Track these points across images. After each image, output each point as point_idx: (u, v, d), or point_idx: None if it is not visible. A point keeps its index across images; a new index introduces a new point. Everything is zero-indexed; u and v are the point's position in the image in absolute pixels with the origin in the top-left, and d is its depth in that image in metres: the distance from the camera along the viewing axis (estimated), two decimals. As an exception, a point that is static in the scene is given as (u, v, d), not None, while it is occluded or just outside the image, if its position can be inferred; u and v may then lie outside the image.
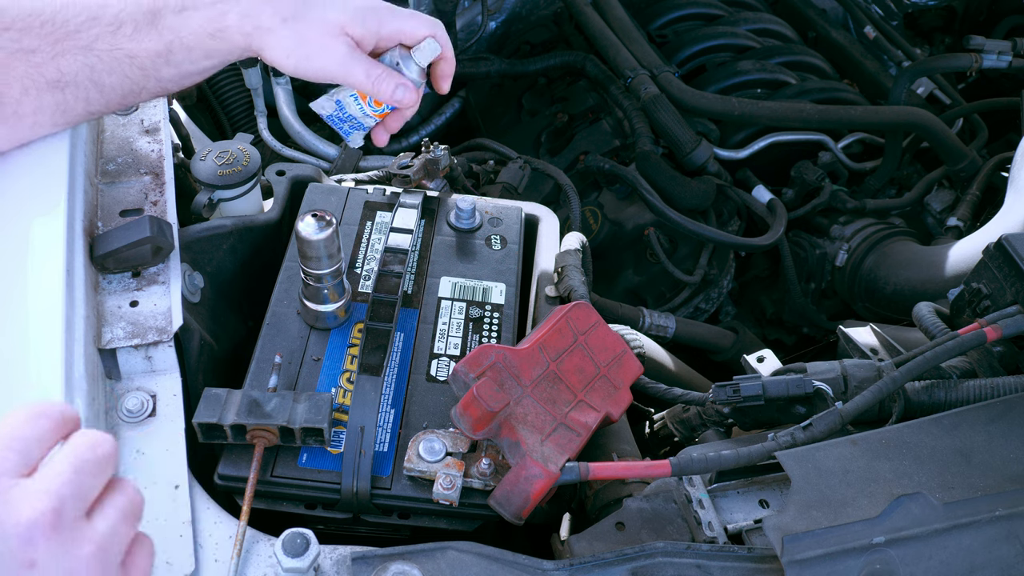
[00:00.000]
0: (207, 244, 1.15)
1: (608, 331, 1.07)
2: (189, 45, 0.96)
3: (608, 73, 1.99)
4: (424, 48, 1.05)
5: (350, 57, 1.00)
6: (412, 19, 1.05)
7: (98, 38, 0.94)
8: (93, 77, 0.95)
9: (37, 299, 0.88)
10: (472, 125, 2.24)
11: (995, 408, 0.92)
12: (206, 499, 0.87)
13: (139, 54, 0.95)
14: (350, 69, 1.00)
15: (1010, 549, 0.80)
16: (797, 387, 0.99)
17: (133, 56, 0.95)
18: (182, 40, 0.96)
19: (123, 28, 0.94)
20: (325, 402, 0.94)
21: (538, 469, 0.89)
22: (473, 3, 2.20)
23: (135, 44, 0.95)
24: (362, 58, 1.01)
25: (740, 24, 2.19)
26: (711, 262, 1.91)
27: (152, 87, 0.99)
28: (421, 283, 1.17)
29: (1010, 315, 0.97)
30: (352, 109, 1.08)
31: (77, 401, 0.83)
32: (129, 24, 0.94)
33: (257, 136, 1.88)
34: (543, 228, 1.36)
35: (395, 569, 0.80)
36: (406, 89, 1.03)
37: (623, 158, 1.94)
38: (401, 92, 1.03)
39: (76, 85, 0.95)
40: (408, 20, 1.05)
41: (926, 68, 2.12)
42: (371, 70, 1.01)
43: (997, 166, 1.93)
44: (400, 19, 1.04)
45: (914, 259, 1.76)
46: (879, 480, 0.84)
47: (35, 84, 0.93)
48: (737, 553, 0.85)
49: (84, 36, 0.93)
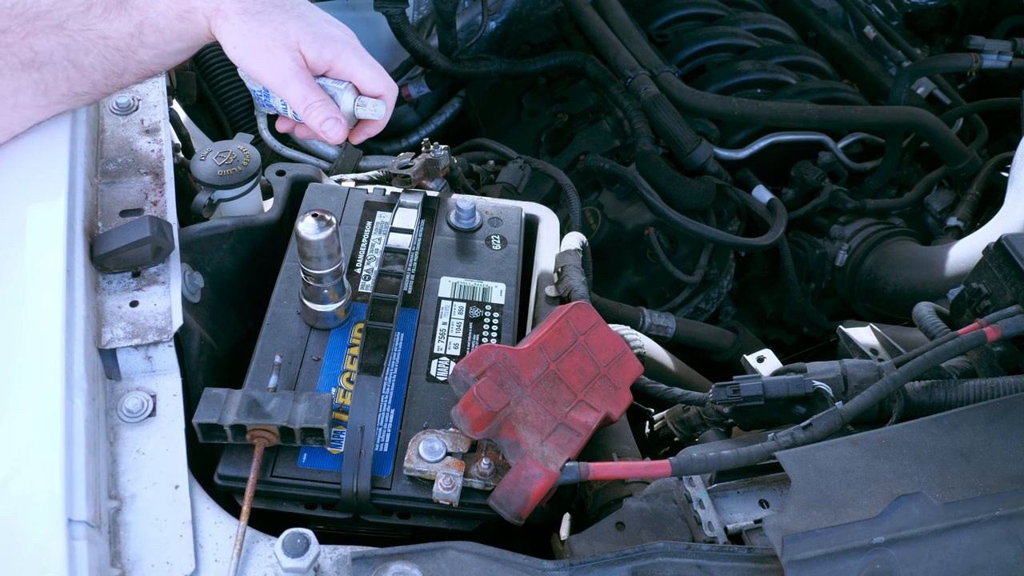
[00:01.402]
0: (207, 244, 1.15)
1: (608, 331, 1.07)
2: (159, 26, 0.97)
3: (608, 73, 1.99)
4: (369, 107, 1.03)
5: (292, 73, 0.99)
6: (372, 72, 1.03)
7: (69, 18, 0.95)
8: (69, 56, 0.96)
9: (37, 299, 0.88)
10: (472, 125, 2.24)
11: (995, 408, 0.92)
12: (206, 499, 0.87)
13: (112, 35, 0.97)
14: (289, 85, 0.99)
15: (1010, 549, 0.80)
16: (797, 387, 0.99)
17: (106, 37, 0.97)
18: (151, 21, 0.97)
19: (93, 8, 0.96)
20: (325, 402, 0.94)
21: (538, 469, 0.89)
22: (473, 3, 2.20)
23: (107, 24, 0.96)
24: (304, 79, 0.99)
25: (740, 24, 2.19)
26: (711, 262, 1.91)
27: (134, 69, 1.00)
28: (421, 283, 1.17)
29: (1010, 315, 0.97)
30: (275, 102, 1.06)
31: (77, 401, 0.83)
32: (99, 5, 0.96)
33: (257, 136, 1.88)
34: (543, 228, 1.36)
35: (395, 569, 0.80)
36: (336, 124, 1.00)
37: (623, 158, 1.95)
38: (330, 125, 1.00)
39: (53, 65, 0.96)
40: (367, 71, 1.03)
41: (926, 68, 2.12)
42: (309, 95, 0.99)
43: (997, 166, 1.93)
44: (360, 67, 1.02)
45: (914, 259, 1.77)
46: (879, 480, 0.84)
47: (9, 65, 0.94)
48: (737, 553, 0.85)
49: (55, 16, 0.95)
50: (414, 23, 2.17)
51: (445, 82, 2.18)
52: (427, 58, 2.04)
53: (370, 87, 1.04)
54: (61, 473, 0.77)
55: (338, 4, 2.08)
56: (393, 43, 2.05)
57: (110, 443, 0.88)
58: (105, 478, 0.85)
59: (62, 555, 0.72)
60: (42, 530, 0.74)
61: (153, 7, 0.97)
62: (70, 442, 0.79)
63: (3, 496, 0.77)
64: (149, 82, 1.18)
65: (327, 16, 1.04)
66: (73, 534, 0.74)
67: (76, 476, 0.78)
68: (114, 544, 0.81)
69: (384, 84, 1.04)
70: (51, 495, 0.75)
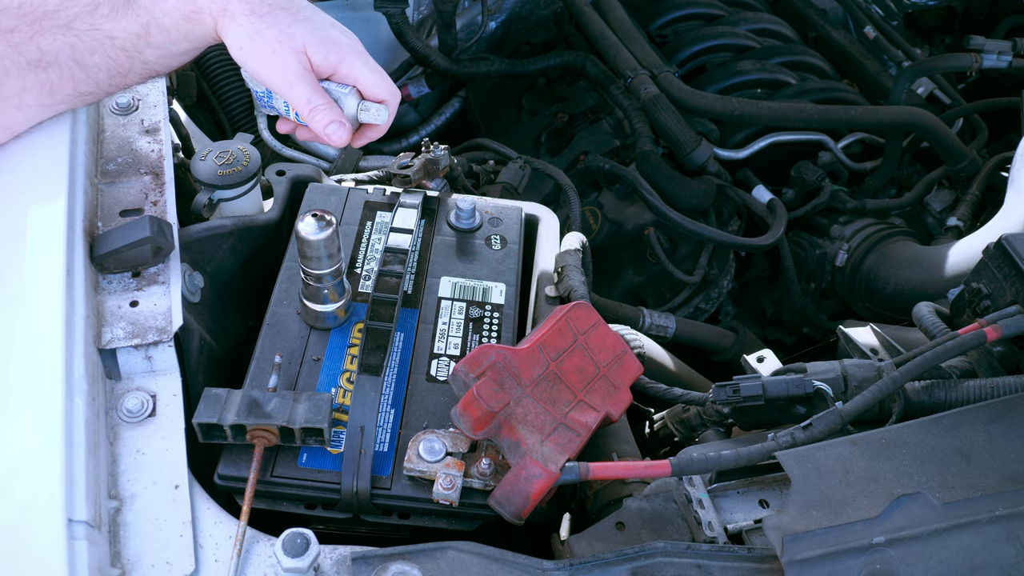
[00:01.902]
0: (207, 244, 1.15)
1: (608, 331, 1.07)
2: (166, 26, 0.97)
3: (608, 73, 1.99)
4: (372, 111, 1.03)
5: (297, 76, 0.99)
6: (375, 76, 1.03)
7: (76, 17, 0.95)
8: (75, 56, 0.96)
9: (37, 299, 0.88)
10: (472, 125, 2.24)
11: (995, 408, 0.92)
12: (206, 499, 0.87)
13: (118, 35, 0.97)
14: (294, 87, 0.99)
15: (1010, 549, 0.80)
16: (797, 387, 0.99)
17: (113, 37, 0.97)
18: (158, 21, 0.97)
19: (100, 8, 0.96)
20: (325, 402, 0.94)
21: (538, 469, 0.89)
22: (473, 3, 2.20)
23: (113, 24, 0.96)
24: (309, 81, 1.00)
25: (740, 24, 2.19)
26: (711, 262, 1.91)
27: (139, 69, 1.00)
28: (421, 283, 1.17)
29: (1010, 315, 0.97)
30: (277, 103, 1.06)
31: (77, 401, 0.83)
32: (106, 4, 0.96)
33: (257, 136, 1.89)
34: (543, 228, 1.36)
35: (395, 569, 0.80)
36: (339, 127, 1.01)
37: (623, 158, 1.95)
38: (333, 128, 1.01)
39: (59, 64, 0.96)
40: (371, 76, 1.03)
41: (926, 68, 2.12)
42: (313, 97, 1.00)
43: (997, 166, 1.93)
44: (364, 71, 1.03)
45: (914, 259, 1.77)
46: (879, 480, 0.84)
47: (16, 64, 0.94)
48: (737, 553, 0.85)
49: (62, 15, 0.95)
50: (414, 23, 2.17)
51: (445, 82, 2.19)
52: (427, 58, 2.04)
53: (373, 92, 1.04)
54: (61, 473, 0.77)
55: (338, 4, 2.08)
56: (393, 43, 2.05)
57: (110, 443, 0.88)
58: (105, 478, 0.85)
59: (62, 555, 0.72)
60: (42, 530, 0.74)
61: (160, 7, 0.97)
62: (70, 442, 0.79)
63: (3, 496, 0.77)
64: (149, 82, 1.18)
65: (332, 20, 1.04)
66: (73, 534, 0.74)
67: (76, 476, 0.78)
68: (114, 544, 0.81)
69: (387, 89, 1.04)
70: (51, 495, 0.75)
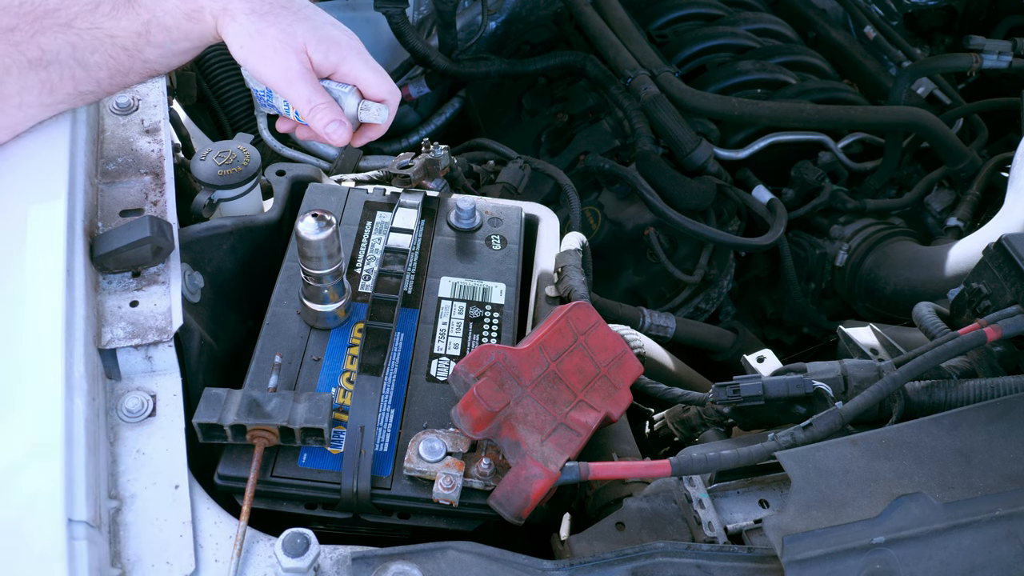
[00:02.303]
0: (207, 244, 1.15)
1: (608, 331, 1.07)
2: (166, 25, 0.97)
3: (608, 73, 1.99)
4: (372, 111, 1.03)
5: (298, 75, 0.99)
6: (376, 76, 1.03)
7: (77, 16, 0.95)
8: (76, 56, 0.96)
9: (37, 299, 0.88)
10: (472, 125, 2.24)
11: (995, 408, 0.92)
12: (206, 499, 0.87)
13: (119, 33, 0.97)
14: (294, 86, 0.99)
15: (1010, 549, 0.80)
16: (797, 387, 0.99)
17: (114, 36, 0.97)
18: (159, 20, 0.97)
19: (101, 7, 0.96)
20: (325, 402, 0.94)
21: (538, 469, 0.89)
22: (473, 3, 2.20)
23: (114, 23, 0.96)
24: (310, 80, 1.00)
25: (740, 24, 2.19)
26: (711, 262, 1.91)
27: (139, 68, 1.00)
28: (421, 283, 1.17)
29: (1010, 315, 0.97)
30: (278, 102, 1.06)
31: (77, 401, 0.83)
32: (107, 3, 0.96)
33: (257, 136, 1.89)
34: (543, 228, 1.36)
35: (395, 569, 0.80)
36: (340, 127, 1.01)
37: (623, 158, 1.95)
38: (333, 128, 1.01)
39: (59, 63, 0.96)
40: (371, 75, 1.03)
41: (926, 68, 2.12)
42: (313, 96, 1.00)
43: (997, 166, 1.93)
44: (364, 71, 1.03)
45: (914, 259, 1.77)
46: (879, 480, 0.84)
47: (16, 63, 0.94)
48: (737, 553, 0.85)
49: (63, 14, 0.95)
50: (414, 23, 2.17)
51: (445, 82, 2.19)
52: (427, 58, 2.04)
53: (374, 91, 1.04)
54: (61, 473, 0.77)
55: (338, 4, 2.08)
56: (393, 43, 2.05)
57: (110, 443, 0.88)
58: (105, 478, 0.85)
59: (62, 555, 0.72)
60: (42, 530, 0.74)
61: (161, 6, 0.97)
62: (70, 442, 0.79)
63: (3, 496, 0.77)
64: (149, 82, 1.18)
65: (332, 19, 1.04)
66: (73, 534, 0.74)
67: (76, 476, 0.78)
68: (114, 544, 0.81)
69: (388, 89, 1.04)
70: (51, 495, 0.75)
